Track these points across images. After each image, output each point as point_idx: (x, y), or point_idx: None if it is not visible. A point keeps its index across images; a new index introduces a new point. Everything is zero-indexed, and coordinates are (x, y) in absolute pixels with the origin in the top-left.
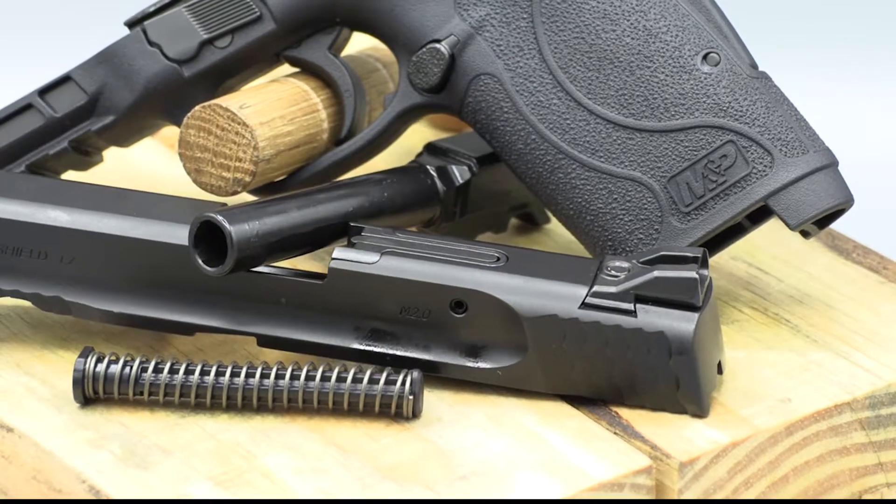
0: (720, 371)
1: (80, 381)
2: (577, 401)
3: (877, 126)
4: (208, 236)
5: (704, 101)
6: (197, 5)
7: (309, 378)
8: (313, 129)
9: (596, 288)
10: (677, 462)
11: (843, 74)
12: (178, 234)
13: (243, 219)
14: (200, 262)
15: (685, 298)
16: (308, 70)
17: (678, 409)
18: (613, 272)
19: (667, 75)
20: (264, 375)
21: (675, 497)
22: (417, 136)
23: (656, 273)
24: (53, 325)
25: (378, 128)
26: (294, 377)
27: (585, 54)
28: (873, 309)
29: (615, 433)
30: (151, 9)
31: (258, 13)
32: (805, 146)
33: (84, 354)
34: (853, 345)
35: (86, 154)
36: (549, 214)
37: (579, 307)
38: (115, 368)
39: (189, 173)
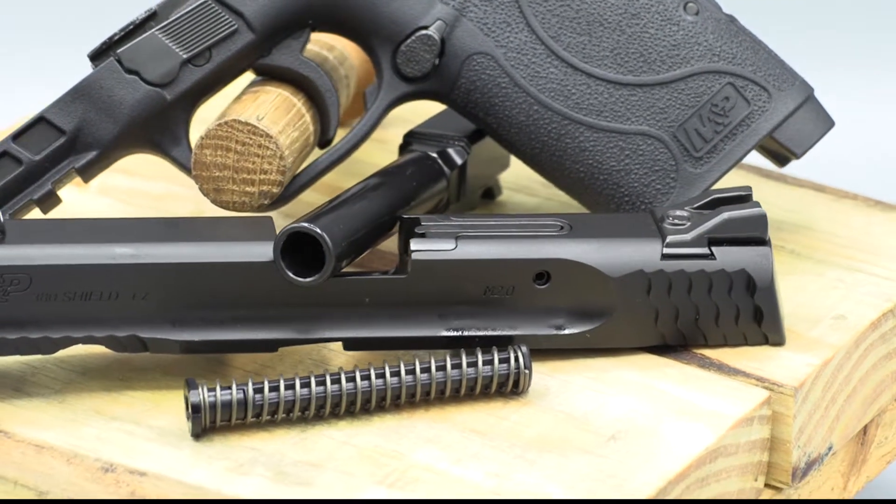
0: None
1: (199, 414)
2: (657, 350)
3: None
4: (290, 248)
5: (697, 49)
6: (170, 27)
7: (424, 371)
8: (306, 134)
9: (670, 238)
10: (792, 389)
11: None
12: (251, 252)
13: (328, 224)
14: (291, 274)
15: (757, 234)
16: (280, 77)
17: (758, 341)
18: (676, 221)
19: (657, 29)
20: (379, 376)
21: (792, 424)
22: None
23: (726, 214)
24: (101, 368)
25: (371, 122)
26: (409, 372)
27: (573, 21)
28: (847, 224)
29: (717, 373)
30: (117, 37)
31: (235, 25)
32: (791, 79)
33: (193, 386)
34: (856, 258)
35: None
36: (502, 188)
37: (661, 259)
38: (230, 395)
39: (207, 194)
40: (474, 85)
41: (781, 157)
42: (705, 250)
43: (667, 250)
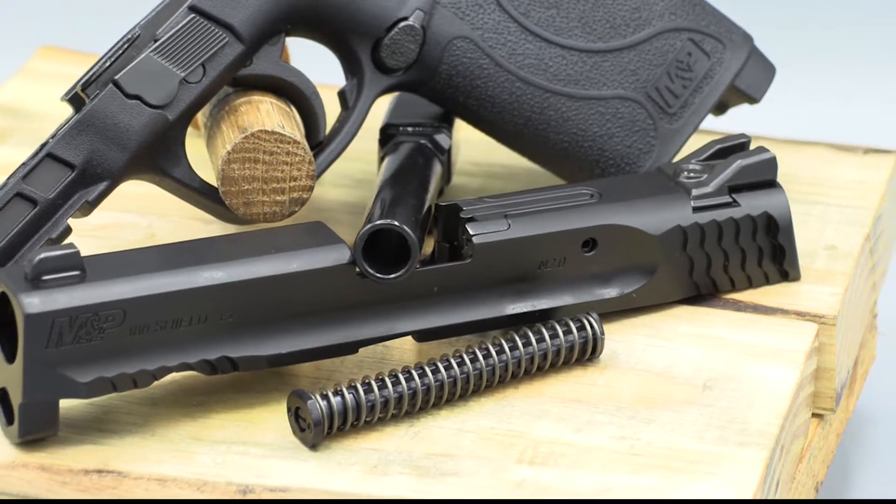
0: None
1: (320, 423)
2: (689, 301)
3: None
4: (366, 248)
5: (656, 9)
6: (163, 47)
7: (514, 349)
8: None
9: (695, 191)
10: (833, 318)
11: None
12: (328, 257)
13: (404, 218)
14: (375, 273)
15: (769, 177)
16: (263, 85)
17: (777, 279)
18: (692, 175)
19: None
20: (474, 360)
21: (835, 353)
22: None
23: (740, 161)
24: (169, 397)
25: (360, 120)
26: (500, 352)
27: None
28: (783, 163)
29: (757, 314)
30: (108, 63)
31: (225, 38)
32: (736, 29)
33: (305, 398)
34: (810, 192)
35: None
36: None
37: (693, 212)
38: (342, 400)
39: (237, 209)
40: (456, 70)
41: (722, 106)
42: (727, 199)
43: (694, 203)
